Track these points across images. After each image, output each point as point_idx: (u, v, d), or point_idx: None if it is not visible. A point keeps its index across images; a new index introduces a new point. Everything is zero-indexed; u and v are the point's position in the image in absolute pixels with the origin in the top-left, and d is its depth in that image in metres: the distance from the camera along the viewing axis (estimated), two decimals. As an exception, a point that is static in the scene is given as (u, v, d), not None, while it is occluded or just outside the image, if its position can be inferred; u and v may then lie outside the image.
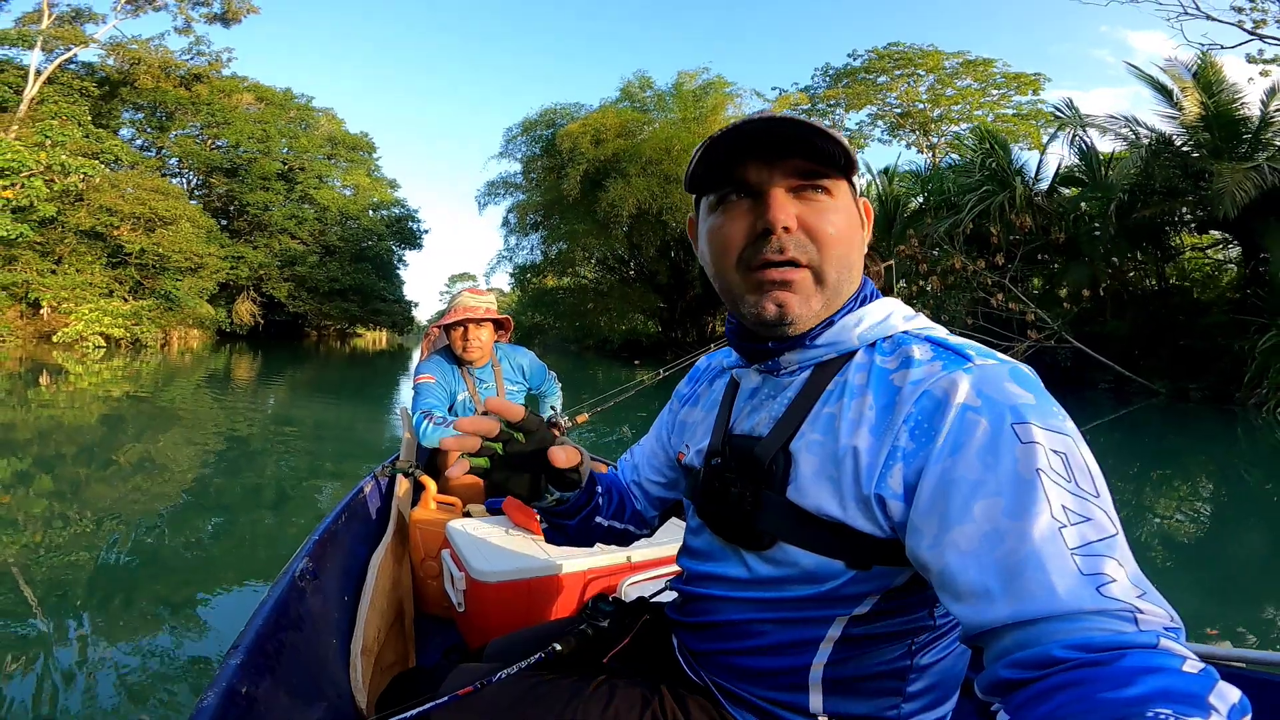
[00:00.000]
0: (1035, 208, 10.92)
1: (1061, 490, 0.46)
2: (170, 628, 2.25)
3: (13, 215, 14.27)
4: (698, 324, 21.89)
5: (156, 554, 3.05)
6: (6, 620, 2.26)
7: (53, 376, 10.21)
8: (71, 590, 2.56)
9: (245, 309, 25.86)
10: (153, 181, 19.45)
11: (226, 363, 15.37)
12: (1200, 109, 9.96)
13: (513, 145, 21.66)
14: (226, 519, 3.66)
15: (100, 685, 1.85)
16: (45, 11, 22.31)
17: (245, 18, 25.78)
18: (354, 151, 32.66)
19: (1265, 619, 2.64)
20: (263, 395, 9.81)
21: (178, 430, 6.37)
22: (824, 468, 0.58)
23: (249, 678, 0.78)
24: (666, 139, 17.09)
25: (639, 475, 0.87)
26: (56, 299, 15.68)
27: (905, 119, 27.84)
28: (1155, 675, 0.39)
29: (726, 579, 0.67)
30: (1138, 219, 9.76)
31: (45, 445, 5.53)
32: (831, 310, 0.62)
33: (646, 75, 20.13)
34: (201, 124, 26.08)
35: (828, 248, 0.59)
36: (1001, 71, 27.03)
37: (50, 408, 7.53)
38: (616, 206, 16.29)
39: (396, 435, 5.68)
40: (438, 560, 1.63)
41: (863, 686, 0.62)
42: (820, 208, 0.60)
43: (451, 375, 2.23)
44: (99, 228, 17.06)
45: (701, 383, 0.82)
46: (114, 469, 4.69)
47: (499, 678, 0.71)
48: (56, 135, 15.36)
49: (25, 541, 3.08)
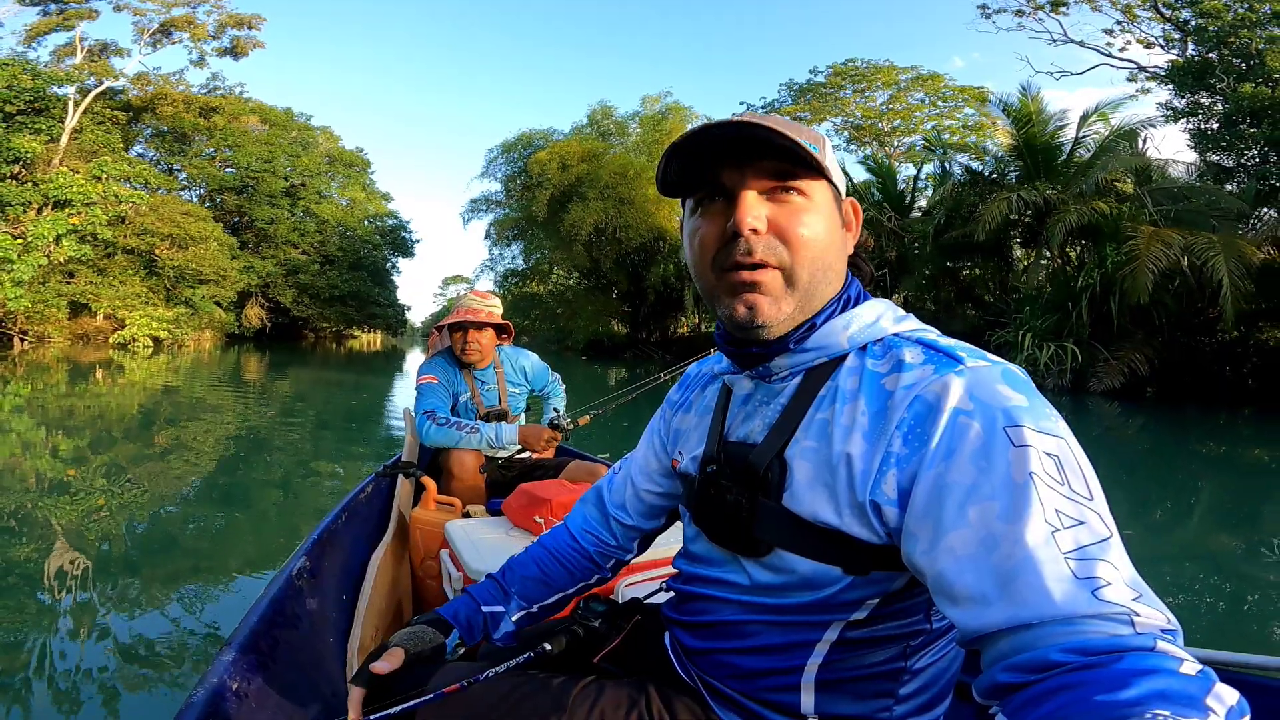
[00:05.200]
0: (887, 230, 14.74)
1: (1055, 494, 0.48)
2: (180, 605, 2.43)
3: (78, 239, 18.42)
4: (660, 326, 25.84)
5: (182, 527, 3.41)
6: (30, 588, 2.55)
7: (106, 371, 12.90)
8: (95, 562, 2.82)
9: (254, 313, 30.29)
10: (184, 206, 23.83)
11: (237, 361, 18.12)
12: (1012, 140, 13.59)
13: (493, 165, 25.82)
14: (245, 496, 4.15)
15: (93, 675, 1.94)
16: (78, 46, 26.57)
17: (251, 52, 30.18)
18: (350, 168, 37.18)
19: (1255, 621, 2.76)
20: (277, 388, 11.84)
21: (206, 418, 7.54)
22: (819, 475, 0.61)
23: (242, 673, 0.82)
24: (622, 165, 21.08)
25: (634, 488, 0.91)
26: (111, 307, 19.91)
27: (859, 132, 31.64)
28: (1152, 677, 0.40)
29: (726, 583, 0.70)
30: (946, 240, 13.59)
31: (99, 428, 6.57)
32: (808, 313, 0.65)
33: (609, 105, 24.27)
34: (214, 148, 30.36)
35: (798, 249, 0.62)
36: (949, 85, 30.89)
37: (105, 397, 9.24)
38: (576, 226, 20.37)
39: (392, 424, 7.43)
40: (437, 560, 1.71)
41: (855, 688, 0.64)
42: (792, 209, 0.62)
43: (454, 376, 2.33)
44: (142, 247, 21.41)
45: (694, 389, 0.85)
46: (154, 450, 5.51)
47: (485, 676, 0.73)
48: (110, 169, 19.57)
49: (79, 509, 3.57)
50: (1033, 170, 13.28)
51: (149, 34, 27.48)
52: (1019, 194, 12.13)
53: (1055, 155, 13.38)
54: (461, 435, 2.15)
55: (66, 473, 4.43)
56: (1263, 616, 2.92)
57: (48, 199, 18.28)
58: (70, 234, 18.13)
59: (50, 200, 18.28)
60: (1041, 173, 13.17)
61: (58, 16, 25.14)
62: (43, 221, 17.86)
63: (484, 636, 0.88)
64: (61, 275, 19.43)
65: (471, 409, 2.36)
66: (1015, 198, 12.05)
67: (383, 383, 14.40)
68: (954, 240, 13.31)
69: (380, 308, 36.42)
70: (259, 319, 30.60)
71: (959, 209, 13.58)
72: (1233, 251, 9.86)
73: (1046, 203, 12.05)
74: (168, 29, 27.62)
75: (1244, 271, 9.72)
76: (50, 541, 3.10)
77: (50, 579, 2.65)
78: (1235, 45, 15.92)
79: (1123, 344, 11.13)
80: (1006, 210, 11.94)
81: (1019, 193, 12.19)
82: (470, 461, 2.19)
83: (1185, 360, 11.77)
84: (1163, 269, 9.98)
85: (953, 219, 13.53)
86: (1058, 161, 13.32)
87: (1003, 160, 13.89)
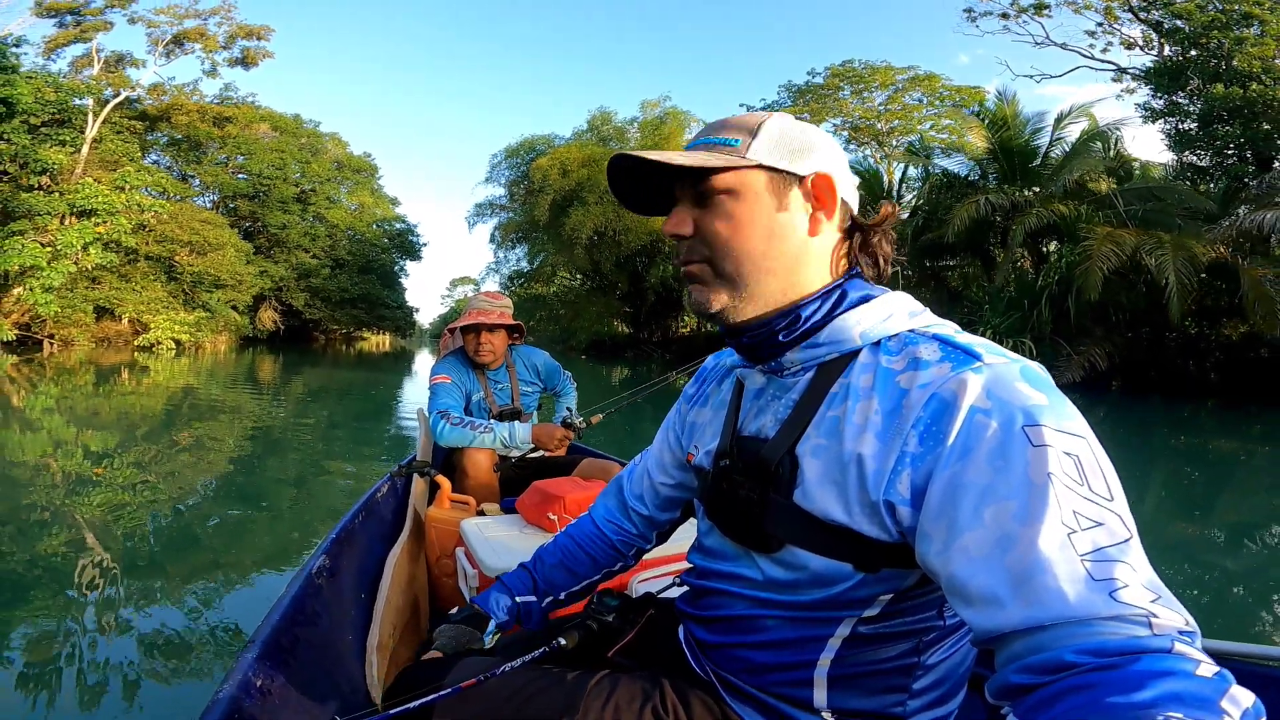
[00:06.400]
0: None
1: (1073, 494, 0.48)
2: (199, 599, 2.52)
3: (103, 247, 19.67)
4: (661, 325, 26.85)
5: (203, 524, 3.51)
6: (58, 582, 2.68)
7: (132, 372, 13.63)
8: (120, 557, 2.96)
9: (268, 316, 31.66)
10: (202, 213, 25.14)
11: (252, 362, 18.89)
12: (988, 143, 14.41)
13: (497, 170, 26.96)
14: (262, 493, 4.28)
15: (116, 672, 2.00)
16: (95, 57, 27.89)
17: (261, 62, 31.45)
18: (358, 173, 38.56)
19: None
20: (291, 388, 12.35)
21: (225, 418, 7.93)
22: (829, 472, 0.61)
23: (265, 671, 0.85)
24: (621, 170, 22.06)
25: (650, 479, 0.94)
26: (135, 311, 21.20)
27: (857, 132, 32.39)
28: (1167, 679, 0.40)
29: (739, 578, 0.71)
30: (923, 241, 14.48)
31: (123, 428, 6.85)
32: (765, 301, 0.68)
33: (608, 111, 25.33)
34: (228, 155, 31.68)
35: (715, 246, 0.67)
36: (945, 85, 31.58)
37: (131, 396, 9.81)
38: (577, 229, 21.42)
39: (403, 423, 7.81)
40: (452, 558, 1.76)
41: (868, 683, 0.65)
42: (715, 212, 0.67)
43: (467, 376, 2.39)
44: (162, 253, 22.72)
45: (710, 383, 0.87)
46: (175, 448, 5.75)
47: (502, 670, 0.76)
48: (134, 180, 20.85)
49: (105, 505, 3.70)
50: (1008, 172, 14.14)
51: (162, 45, 28.89)
52: (987, 197, 13.01)
53: (1031, 157, 14.19)
54: (475, 435, 2.21)
55: (94, 471, 4.70)
56: (1243, 605, 2.99)
57: (73, 208, 19.58)
58: (96, 241, 19.39)
59: (75, 209, 19.57)
60: (1018, 175, 14.03)
61: (75, 29, 26.52)
62: (71, 230, 19.17)
63: (517, 624, 0.95)
64: (87, 281, 20.73)
65: (485, 408, 2.42)
66: (984, 200, 12.92)
67: (393, 382, 15.14)
68: (929, 242, 14.20)
69: (389, 310, 37.78)
70: (272, 322, 31.98)
71: (936, 211, 14.47)
72: (1183, 251, 10.69)
73: (1014, 205, 12.92)
74: (180, 40, 29.00)
75: (1192, 270, 10.55)
76: (79, 536, 3.26)
77: (78, 573, 2.77)
78: (1207, 46, 16.64)
79: (1084, 340, 11.98)
80: (975, 212, 12.80)
81: (987, 196, 13.06)
82: (484, 460, 2.25)
83: (1150, 355, 12.60)
84: (1114, 268, 10.81)
85: (930, 221, 14.42)
86: (1033, 164, 14.14)
87: (984, 162, 14.71)
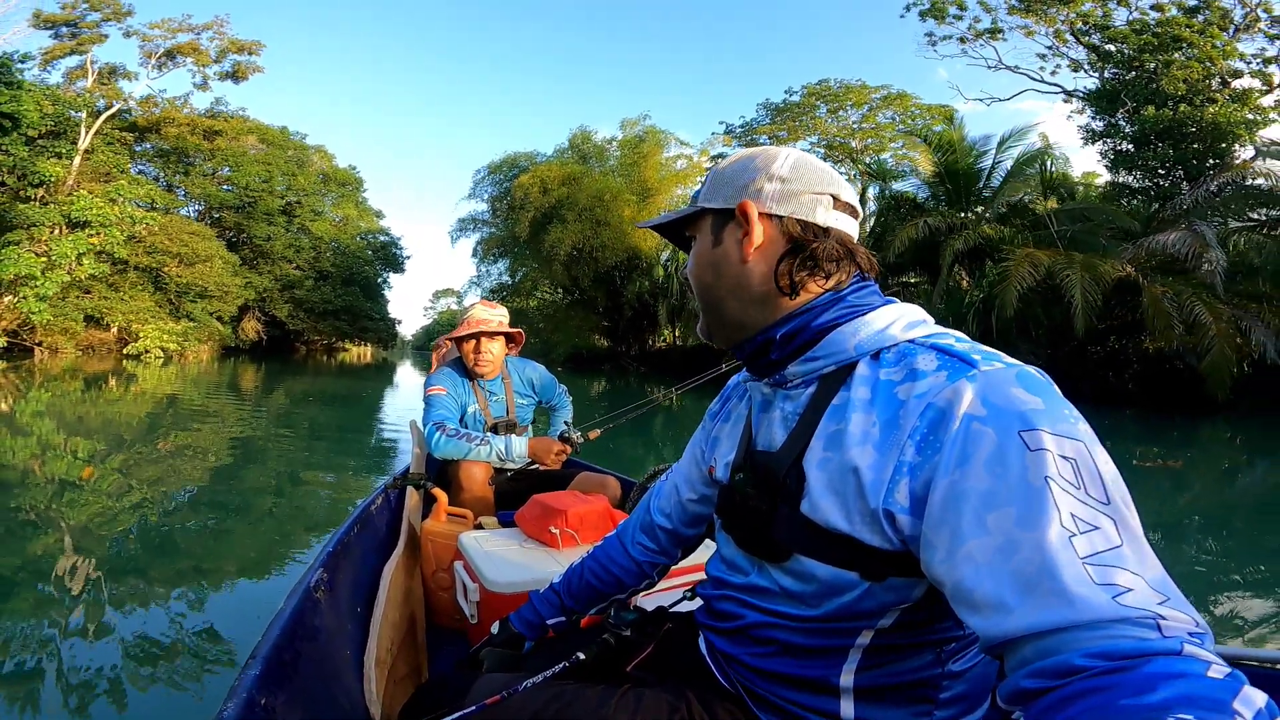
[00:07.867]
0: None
1: (1071, 498, 0.50)
2: (184, 606, 2.53)
3: (96, 257, 20.77)
4: (638, 339, 28.14)
5: (186, 530, 3.60)
6: (43, 584, 2.73)
7: (119, 380, 14.24)
8: (105, 562, 3.03)
9: (251, 326, 32.66)
10: (191, 225, 26.24)
11: (234, 372, 19.27)
12: (934, 167, 15.79)
13: (480, 186, 28.23)
14: (245, 501, 4.34)
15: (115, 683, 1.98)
16: (89, 69, 28.99)
17: (251, 76, 32.72)
18: (343, 186, 39.85)
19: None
20: (273, 398, 12.55)
21: (209, 426, 8.06)
22: (832, 483, 0.64)
23: (267, 689, 0.86)
24: (600, 189, 23.45)
25: (678, 495, 0.96)
26: (125, 320, 22.24)
27: (832, 150, 33.93)
28: (1178, 681, 0.41)
29: (756, 589, 0.74)
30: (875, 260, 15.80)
31: (110, 432, 7.15)
32: (734, 328, 0.77)
33: (588, 130, 26.77)
34: (215, 167, 32.82)
35: (690, 283, 0.80)
36: (916, 104, 33.29)
37: (117, 404, 10.20)
38: (555, 246, 22.64)
39: (384, 432, 8.04)
40: (450, 572, 1.76)
41: (894, 694, 0.67)
42: (691, 255, 0.80)
43: (462, 388, 2.40)
44: (152, 264, 23.78)
45: (732, 399, 0.90)
46: (162, 455, 5.88)
47: (525, 686, 0.78)
48: (127, 193, 21.99)
49: (91, 510, 3.83)
50: (953, 195, 15.54)
51: (155, 58, 30.12)
52: (926, 219, 14.43)
53: (975, 180, 15.58)
54: (471, 447, 2.20)
55: (81, 474, 4.87)
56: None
57: (67, 219, 20.65)
58: (90, 252, 20.47)
59: (69, 220, 20.65)
60: (963, 197, 15.42)
61: (70, 41, 27.63)
62: (65, 241, 20.26)
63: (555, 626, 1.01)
64: (79, 290, 21.76)
65: (480, 420, 2.42)
66: (923, 222, 14.34)
67: (375, 393, 15.58)
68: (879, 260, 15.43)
69: (372, 321, 38.87)
70: (255, 332, 32.97)
71: (885, 233, 15.86)
72: (1090, 271, 12.10)
73: (950, 226, 14.35)
74: (173, 54, 30.25)
75: (1097, 288, 11.95)
76: (64, 540, 3.33)
77: (65, 577, 2.80)
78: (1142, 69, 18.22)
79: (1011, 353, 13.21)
80: (916, 233, 14.21)
81: (926, 218, 14.49)
82: (479, 473, 2.25)
83: (1075, 368, 13.98)
84: (1031, 286, 12.21)
85: (880, 241, 15.81)
86: (975, 186, 15.56)
87: (933, 184, 16.10)
